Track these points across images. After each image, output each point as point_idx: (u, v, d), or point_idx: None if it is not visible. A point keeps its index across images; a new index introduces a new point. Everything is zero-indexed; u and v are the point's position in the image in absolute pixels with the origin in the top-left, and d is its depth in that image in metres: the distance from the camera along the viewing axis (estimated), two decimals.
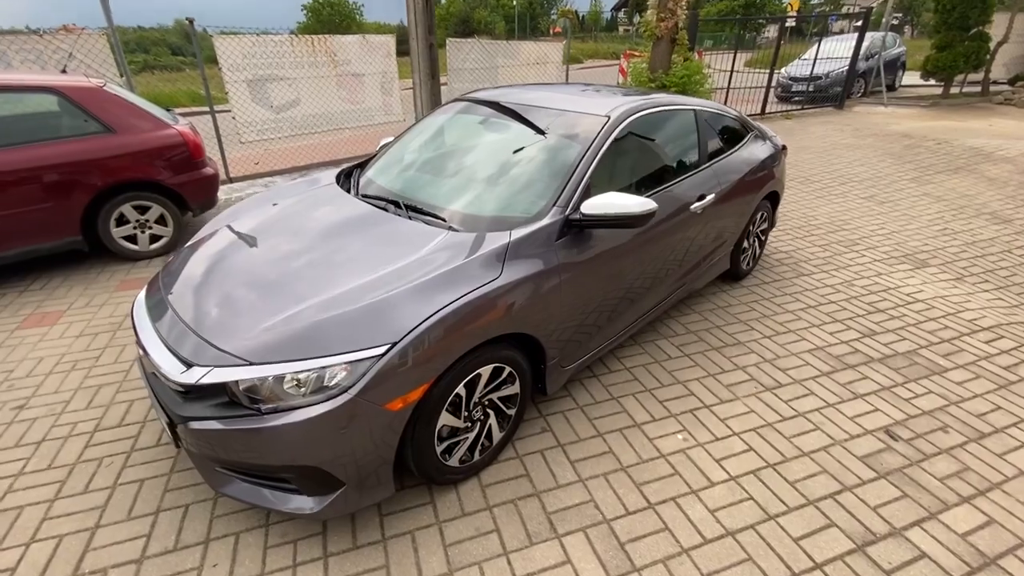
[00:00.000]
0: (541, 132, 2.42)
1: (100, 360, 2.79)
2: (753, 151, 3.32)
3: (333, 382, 1.53)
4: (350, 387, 1.52)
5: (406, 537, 1.80)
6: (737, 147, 3.21)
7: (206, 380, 1.55)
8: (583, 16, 53.32)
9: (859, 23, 10.32)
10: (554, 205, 2.08)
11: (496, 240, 1.91)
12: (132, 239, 3.91)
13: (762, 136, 3.55)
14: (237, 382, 1.55)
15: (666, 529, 1.84)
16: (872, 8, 10.66)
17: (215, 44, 5.40)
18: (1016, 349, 2.95)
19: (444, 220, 2.09)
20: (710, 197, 2.79)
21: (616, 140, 2.34)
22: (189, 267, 2.04)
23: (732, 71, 9.41)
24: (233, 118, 5.79)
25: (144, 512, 1.89)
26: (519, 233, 1.95)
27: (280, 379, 1.53)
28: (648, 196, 2.40)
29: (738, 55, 9.88)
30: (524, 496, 1.97)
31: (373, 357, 1.54)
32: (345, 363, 1.53)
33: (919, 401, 2.52)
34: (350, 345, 1.55)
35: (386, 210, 2.23)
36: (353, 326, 1.59)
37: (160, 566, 1.70)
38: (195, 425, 1.59)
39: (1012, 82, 11.31)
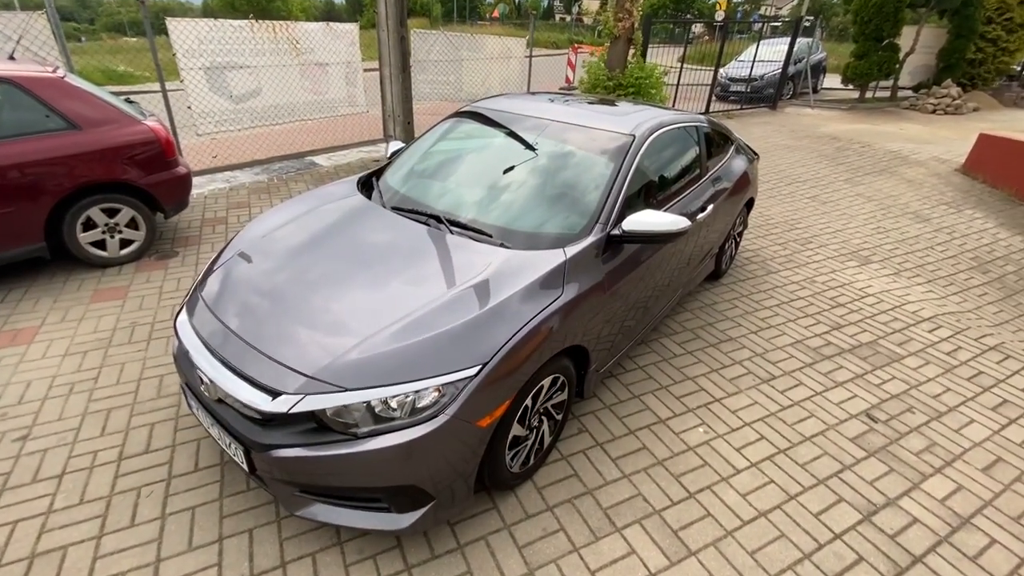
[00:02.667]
0: (570, 149, 2.54)
1: (100, 381, 2.61)
2: (737, 161, 3.62)
3: (425, 403, 1.60)
4: (447, 407, 1.59)
5: (480, 543, 1.90)
6: (726, 158, 3.49)
7: (299, 408, 1.56)
8: (520, 2, 53.09)
9: (776, 24, 11.15)
10: (597, 222, 2.21)
11: (554, 258, 2.01)
12: (101, 245, 3.61)
13: (741, 147, 3.86)
14: (328, 409, 1.57)
15: (709, 515, 2.07)
16: (802, 17, 11.54)
17: (169, 29, 4.98)
18: (953, 336, 3.47)
19: (490, 236, 2.16)
20: (710, 207, 3.03)
21: (640, 157, 2.50)
22: (237, 287, 1.99)
23: (682, 68, 9.88)
24: (189, 107, 5.39)
25: (207, 541, 1.85)
26: (572, 250, 2.07)
27: (374, 403, 1.57)
28: (665, 209, 2.61)
29: (667, 49, 10.35)
30: (578, 495, 2.12)
31: (467, 378, 1.62)
32: (438, 385, 1.60)
33: (887, 386, 2.93)
34: (443, 367, 1.61)
35: (427, 224, 2.26)
36: (443, 348, 1.65)
37: None
38: (280, 453, 1.60)
39: (916, 89, 12.72)
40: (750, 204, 4.06)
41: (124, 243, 3.73)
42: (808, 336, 3.37)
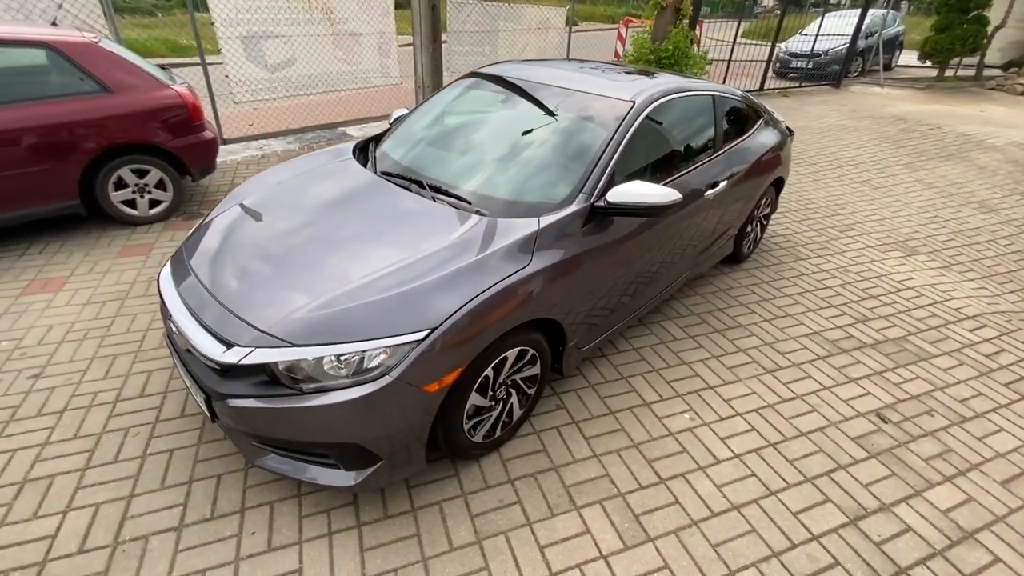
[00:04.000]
0: (565, 115, 2.43)
1: (112, 329, 2.78)
2: (764, 137, 3.36)
3: (373, 364, 1.59)
4: (392, 370, 1.57)
5: (434, 508, 1.90)
6: (749, 133, 3.25)
7: (248, 361, 1.59)
8: None
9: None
10: (580, 192, 2.11)
11: (525, 227, 1.94)
12: (131, 204, 3.82)
13: (772, 121, 3.58)
14: (279, 363, 1.59)
15: (677, 503, 1.98)
16: None
17: None
18: (997, 338, 3.13)
19: (470, 203, 2.11)
20: (723, 184, 2.83)
21: (640, 125, 2.36)
22: (216, 244, 2.04)
23: (735, 43, 9.27)
24: (226, 76, 5.57)
25: (177, 482, 1.95)
26: (547, 220, 1.98)
27: (322, 360, 1.57)
28: (666, 183, 2.46)
29: (730, 23, 9.72)
30: (543, 470, 2.08)
31: (414, 342, 1.59)
32: (386, 347, 1.58)
33: (907, 386, 2.68)
34: (391, 330, 1.60)
35: (409, 189, 2.23)
36: (393, 311, 1.63)
37: (200, 533, 1.77)
38: (235, 403, 1.64)
39: (1005, 67, 11.40)
40: (779, 185, 3.78)
41: (153, 203, 3.93)
42: (828, 328, 3.13)
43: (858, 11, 10.39)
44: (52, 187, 3.44)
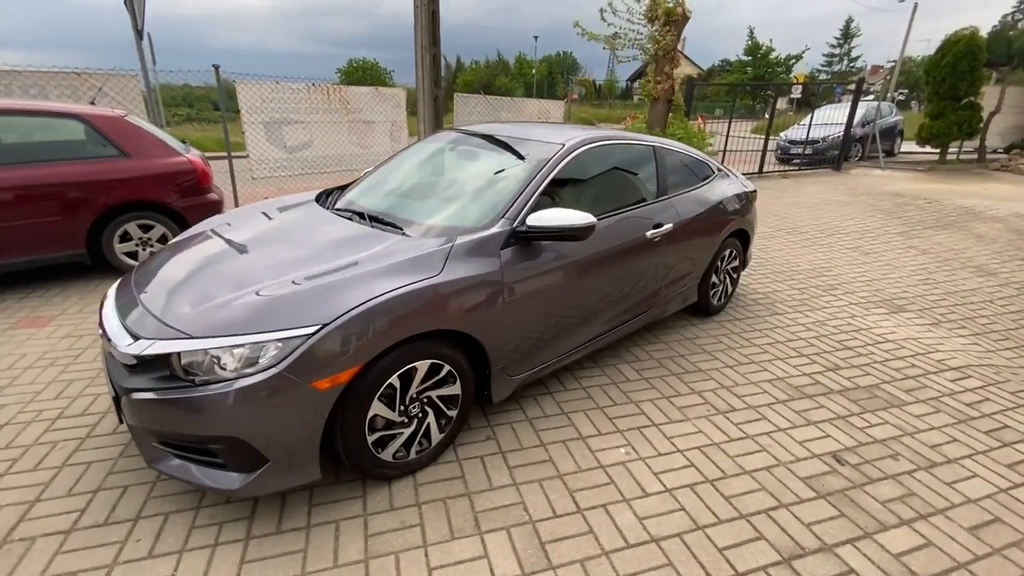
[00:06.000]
0: (502, 157, 2.62)
1: (79, 359, 2.92)
2: (718, 189, 3.47)
3: (264, 357, 1.63)
4: (279, 363, 1.61)
5: (330, 526, 1.82)
6: (701, 184, 3.37)
7: (150, 352, 1.66)
8: (599, 85, 56.36)
9: (871, 96, 10.84)
10: (502, 217, 2.22)
11: (441, 243, 2.04)
12: (133, 255, 4.15)
13: (729, 176, 3.71)
14: (178, 354, 1.65)
15: (590, 533, 1.83)
16: (863, 79, 11.17)
17: (237, 89, 5.89)
18: (982, 388, 2.92)
19: (400, 228, 2.24)
20: (667, 227, 2.91)
21: (570, 165, 2.52)
22: (156, 263, 2.22)
23: (727, 135, 9.79)
24: (247, 156, 6.21)
25: (84, 490, 1.94)
26: (464, 238, 2.08)
27: (216, 352, 1.63)
28: (600, 219, 2.56)
29: (747, 123, 10.43)
30: (455, 496, 1.98)
31: (303, 336, 1.64)
32: (278, 340, 1.64)
33: (873, 430, 2.50)
34: (286, 324, 1.66)
35: (351, 220, 2.40)
36: (291, 308, 1.71)
37: (85, 538, 1.74)
38: (135, 396, 1.69)
39: (1008, 150, 11.55)
40: (744, 239, 3.83)
41: None
42: (794, 375, 3.00)
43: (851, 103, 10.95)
44: (65, 236, 3.80)
